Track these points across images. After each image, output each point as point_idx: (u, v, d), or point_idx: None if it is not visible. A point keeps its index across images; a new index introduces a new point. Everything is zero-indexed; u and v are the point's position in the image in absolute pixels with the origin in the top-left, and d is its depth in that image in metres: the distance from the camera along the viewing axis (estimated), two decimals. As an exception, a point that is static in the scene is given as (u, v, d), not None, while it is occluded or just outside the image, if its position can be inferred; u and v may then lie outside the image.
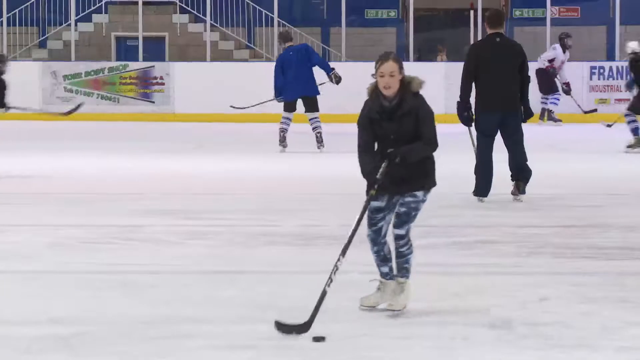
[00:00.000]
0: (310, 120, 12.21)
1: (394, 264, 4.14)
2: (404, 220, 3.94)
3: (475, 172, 7.88)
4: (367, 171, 3.84)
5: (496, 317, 4.36)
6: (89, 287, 4.86)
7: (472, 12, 16.36)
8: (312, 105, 12.11)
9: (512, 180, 7.94)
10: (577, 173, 10.09)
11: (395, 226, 3.96)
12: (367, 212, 3.94)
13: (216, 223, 7.10)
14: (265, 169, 10.53)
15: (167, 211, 7.63)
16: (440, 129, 10.67)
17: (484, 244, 6.39)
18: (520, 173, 7.90)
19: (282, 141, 12.12)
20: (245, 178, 9.76)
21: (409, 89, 3.85)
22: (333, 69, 12.21)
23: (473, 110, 7.94)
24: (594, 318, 4.36)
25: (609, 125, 13.19)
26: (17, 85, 12.60)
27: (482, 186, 7.82)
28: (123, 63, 17.21)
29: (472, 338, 4.00)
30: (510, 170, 7.95)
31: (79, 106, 12.02)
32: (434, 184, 4.06)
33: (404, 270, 4.02)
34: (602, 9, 17.54)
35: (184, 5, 17.96)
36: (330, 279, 3.69)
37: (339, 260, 3.78)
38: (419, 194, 3.96)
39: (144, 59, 17.17)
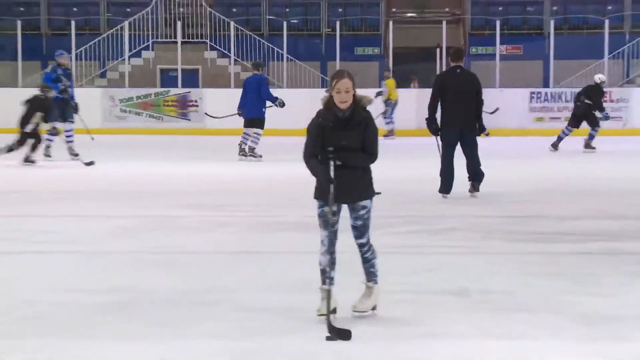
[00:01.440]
0: (252, 133, 11.79)
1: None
2: (363, 231, 3.56)
3: (441, 174, 7.81)
4: (322, 170, 3.44)
5: (458, 286, 4.43)
6: (139, 264, 4.90)
7: (438, 49, 16.15)
8: (256, 124, 11.65)
9: (469, 180, 7.90)
10: (518, 175, 10.03)
11: (357, 237, 3.56)
12: (324, 217, 3.52)
13: (237, 214, 7.07)
14: (273, 173, 10.37)
15: (199, 205, 7.61)
16: (413, 140, 10.59)
17: (449, 231, 6.37)
18: (476, 175, 7.87)
19: (240, 152, 11.62)
20: (260, 179, 9.70)
21: (360, 104, 3.51)
22: (277, 98, 11.61)
23: (439, 124, 7.87)
24: (533, 288, 4.44)
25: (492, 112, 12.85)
26: (83, 106, 12.67)
27: (446, 185, 7.76)
28: (166, 89, 17.09)
29: (439, 303, 4.08)
30: (468, 173, 7.90)
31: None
32: (375, 192, 3.65)
33: (371, 275, 3.63)
34: (539, 47, 17.41)
35: (213, 44, 17.82)
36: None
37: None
38: (367, 203, 3.57)
39: (182, 86, 17.02)
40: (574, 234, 6.22)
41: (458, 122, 7.68)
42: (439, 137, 7.91)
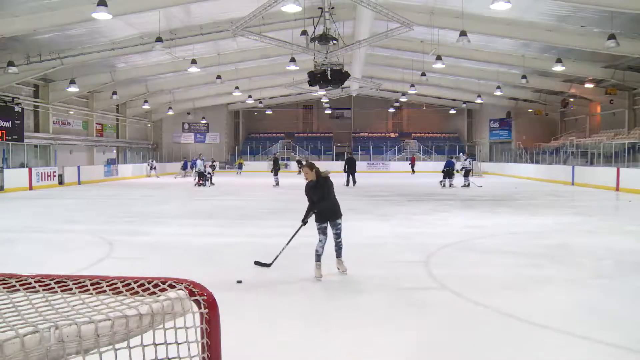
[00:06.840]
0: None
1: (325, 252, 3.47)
2: (339, 234, 3.40)
3: (346, 181, 11.85)
4: (308, 211, 3.37)
5: (349, 208, 5.64)
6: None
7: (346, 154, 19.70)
8: None
9: (353, 184, 12.02)
10: (367, 182, 12.97)
11: (336, 238, 3.40)
12: (322, 229, 3.34)
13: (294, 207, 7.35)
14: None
15: (277, 200, 8.35)
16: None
17: (347, 194, 8.58)
18: (354, 182, 12.01)
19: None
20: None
21: (320, 175, 3.34)
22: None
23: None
24: (369, 208, 6.08)
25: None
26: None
27: (347, 184, 11.83)
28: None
29: (343, 211, 3.68)
30: (352, 182, 11.93)
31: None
32: (341, 214, 3.45)
33: (341, 253, 3.45)
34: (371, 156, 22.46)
35: (301, 160, 21.25)
36: (282, 250, 3.51)
37: (284, 248, 3.53)
38: (340, 220, 3.41)
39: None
40: (380, 193, 8.90)
41: (351, 172, 11.98)
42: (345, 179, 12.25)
